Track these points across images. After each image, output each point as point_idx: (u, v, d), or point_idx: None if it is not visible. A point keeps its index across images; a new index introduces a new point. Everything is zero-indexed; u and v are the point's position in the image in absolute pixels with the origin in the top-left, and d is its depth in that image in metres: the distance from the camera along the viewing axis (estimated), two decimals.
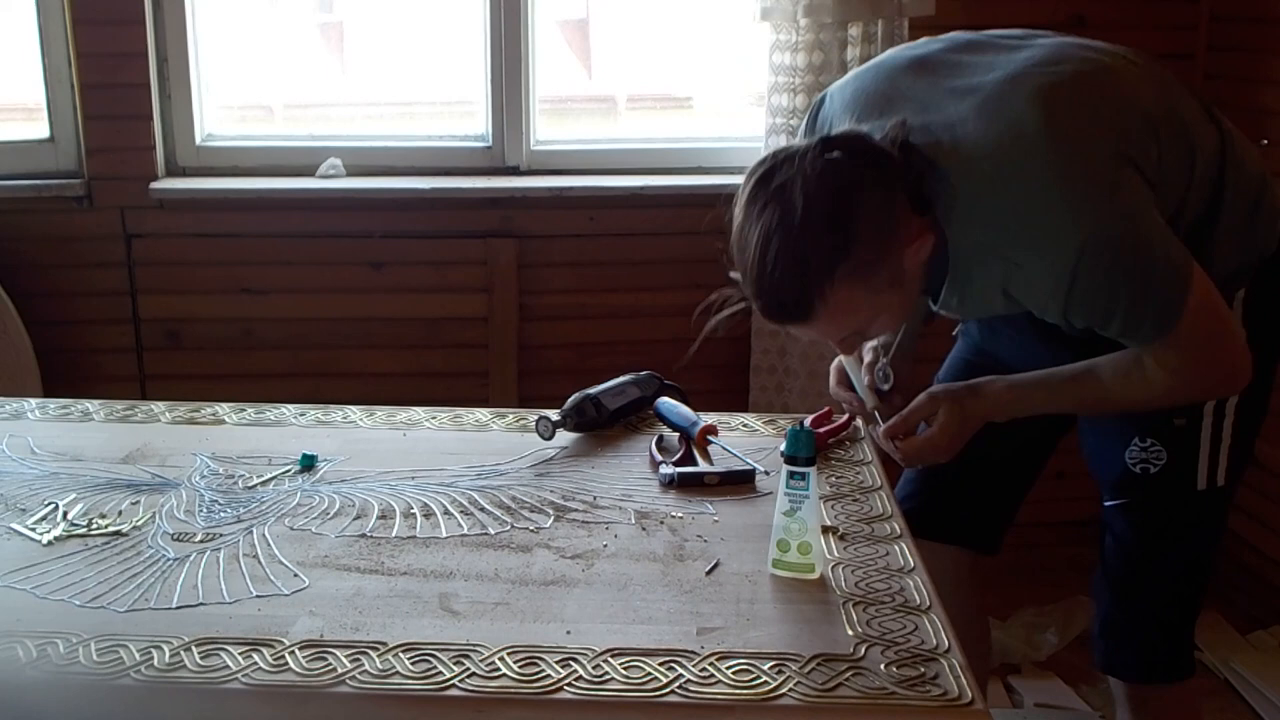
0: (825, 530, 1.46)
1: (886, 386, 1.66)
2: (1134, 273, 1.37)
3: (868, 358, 1.69)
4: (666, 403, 1.79)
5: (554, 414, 1.73)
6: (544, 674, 1.17)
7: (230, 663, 1.18)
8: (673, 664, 1.18)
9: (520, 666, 1.18)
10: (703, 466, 1.63)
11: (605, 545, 1.44)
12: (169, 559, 1.40)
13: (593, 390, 1.78)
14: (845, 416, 1.78)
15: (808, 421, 1.75)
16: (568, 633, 1.24)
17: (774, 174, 1.38)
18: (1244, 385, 1.50)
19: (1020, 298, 1.44)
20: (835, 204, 1.35)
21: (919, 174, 1.40)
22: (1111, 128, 1.40)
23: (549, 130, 2.97)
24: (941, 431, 1.57)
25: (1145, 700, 1.70)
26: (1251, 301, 1.54)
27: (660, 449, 1.69)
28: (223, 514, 1.52)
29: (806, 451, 1.35)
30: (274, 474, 1.63)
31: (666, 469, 1.61)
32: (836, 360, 1.71)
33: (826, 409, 1.81)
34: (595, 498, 1.57)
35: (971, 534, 1.89)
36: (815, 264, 1.35)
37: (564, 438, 1.74)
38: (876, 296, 1.41)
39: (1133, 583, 1.66)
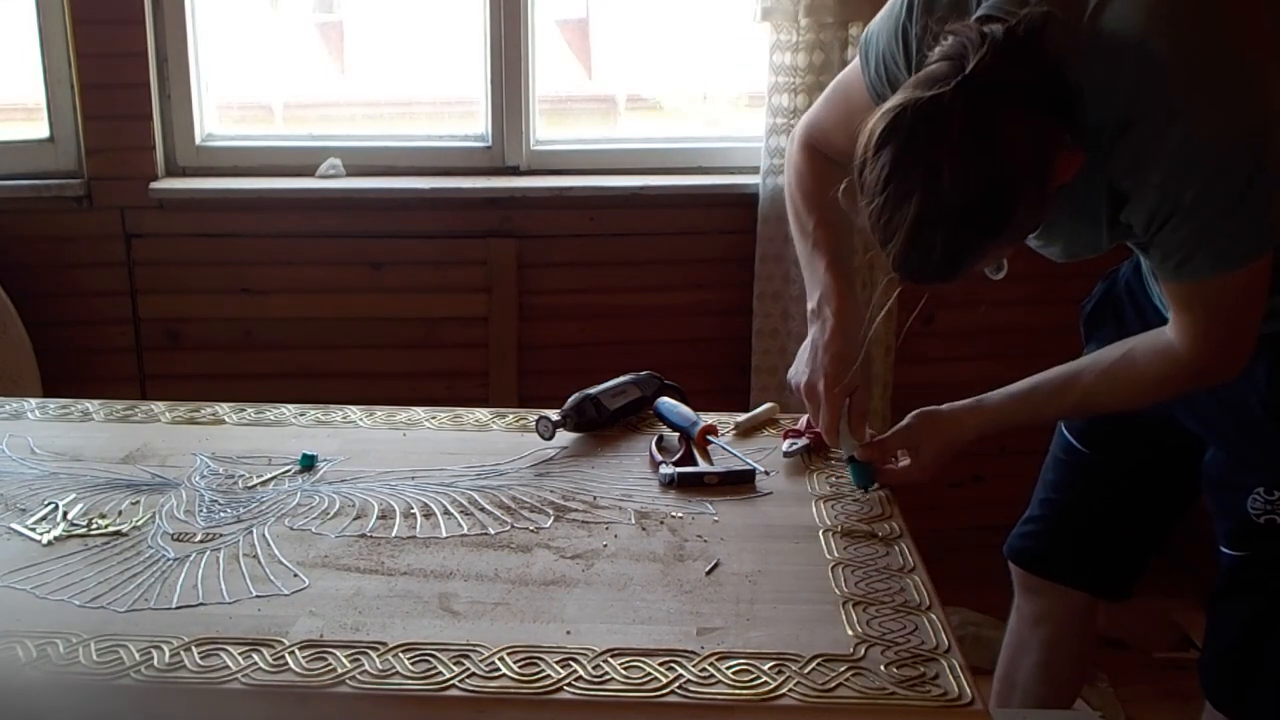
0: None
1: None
2: (1243, 186, 1.28)
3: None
4: (666, 403, 1.79)
5: (554, 414, 1.72)
6: (544, 674, 1.17)
7: (230, 663, 1.18)
8: (673, 664, 1.18)
9: (520, 667, 1.18)
10: (703, 466, 1.63)
11: (605, 545, 1.44)
12: (169, 559, 1.40)
13: (593, 390, 1.78)
14: None
15: (804, 421, 1.74)
16: (568, 633, 1.24)
17: (915, 143, 1.24)
18: (1229, 378, 1.43)
19: (1130, 180, 1.33)
20: (989, 186, 1.23)
21: (1063, 83, 1.27)
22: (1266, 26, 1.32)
23: (549, 130, 2.97)
24: (919, 467, 1.56)
25: None
26: None
27: (660, 449, 1.69)
28: (223, 514, 1.52)
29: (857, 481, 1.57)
30: (274, 474, 1.63)
31: (666, 469, 1.61)
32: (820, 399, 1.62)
33: None
34: (595, 498, 1.57)
35: (1097, 579, 1.83)
36: (972, 248, 1.28)
37: (564, 438, 1.74)
38: (1022, 234, 1.35)
39: (1252, 634, 1.57)
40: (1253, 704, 1.58)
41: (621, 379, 1.83)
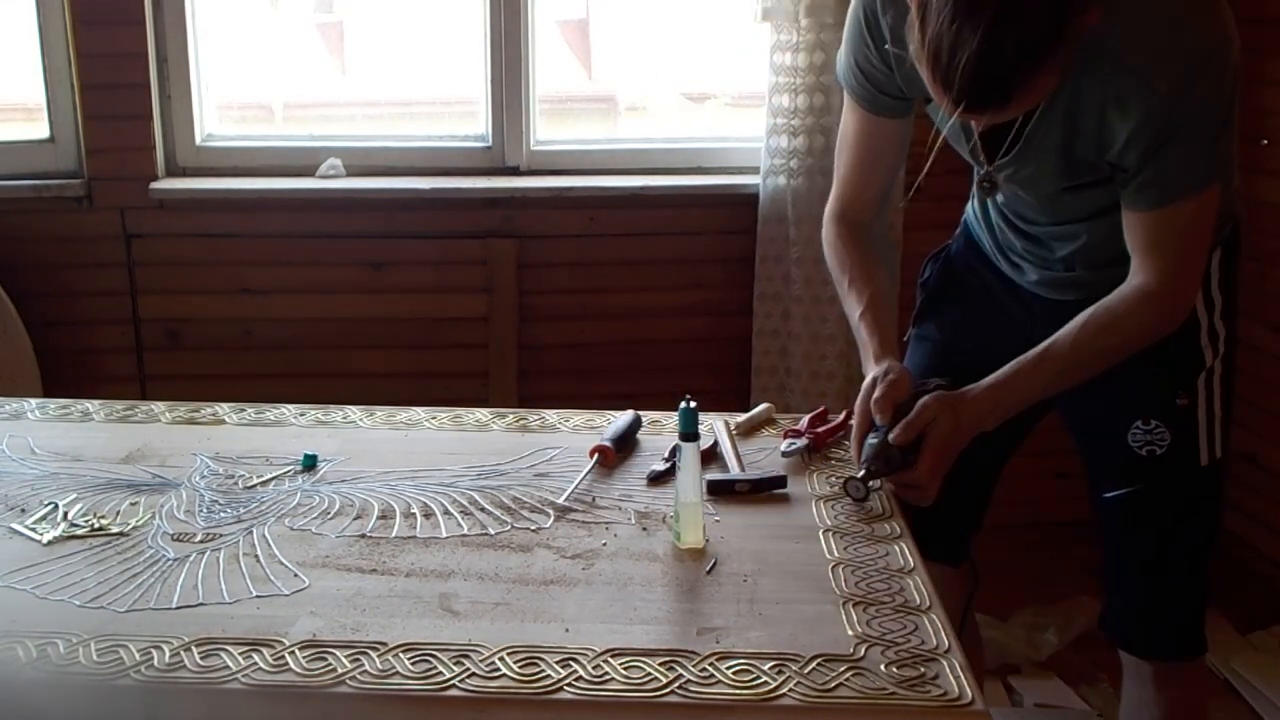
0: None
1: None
2: (1223, 116, 1.41)
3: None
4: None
5: (859, 472, 1.56)
6: (544, 674, 1.17)
7: (230, 663, 1.18)
8: (673, 664, 1.18)
9: (520, 666, 1.18)
10: (735, 474, 1.61)
11: (605, 545, 1.44)
12: (169, 559, 1.40)
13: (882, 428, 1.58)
14: (843, 415, 1.78)
15: (804, 421, 1.74)
16: (567, 631, 1.24)
17: None
18: (1183, 317, 1.54)
19: (1128, 102, 1.42)
20: None
21: None
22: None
23: (549, 130, 2.97)
24: (940, 440, 1.53)
25: (1169, 676, 1.70)
26: (1225, 263, 1.61)
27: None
28: (223, 514, 1.52)
29: (684, 427, 1.42)
30: (274, 474, 1.63)
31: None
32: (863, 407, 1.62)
33: (822, 409, 1.81)
34: (595, 498, 1.57)
35: (945, 549, 1.82)
36: (1037, 55, 1.29)
37: (561, 438, 1.74)
38: (1062, 71, 1.37)
39: (1153, 565, 1.67)
40: (1163, 635, 1.68)
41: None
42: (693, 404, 1.44)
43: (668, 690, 1.14)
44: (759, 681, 1.15)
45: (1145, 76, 1.39)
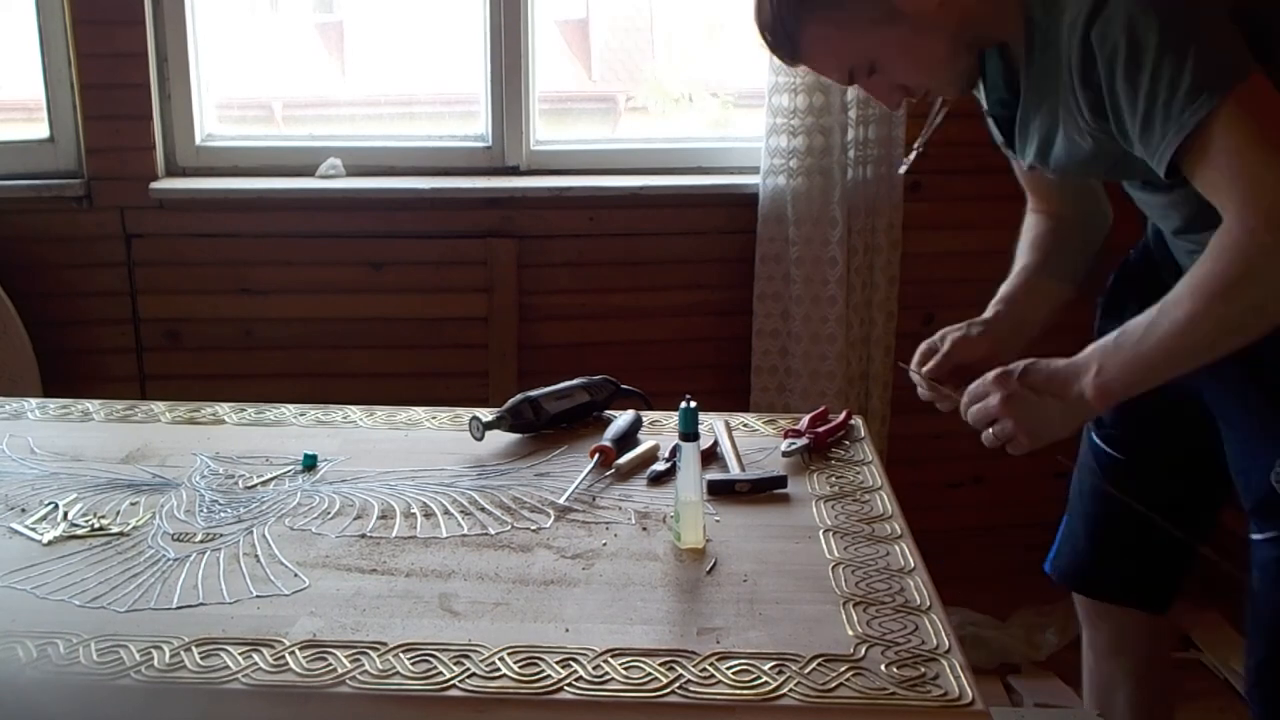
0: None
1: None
2: (1172, 19, 1.21)
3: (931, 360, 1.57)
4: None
5: (487, 414, 1.72)
6: (544, 674, 1.17)
7: (230, 663, 1.18)
8: (673, 664, 1.18)
9: (520, 667, 1.18)
10: (735, 474, 1.62)
11: (605, 545, 1.44)
12: (169, 559, 1.40)
13: (535, 392, 1.76)
14: (843, 415, 1.78)
15: (805, 420, 1.75)
16: (567, 631, 1.24)
17: None
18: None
19: (1067, 59, 1.30)
20: None
21: None
22: None
23: (549, 130, 2.97)
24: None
25: None
26: None
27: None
28: (223, 514, 1.52)
29: (684, 427, 1.43)
30: (274, 474, 1.63)
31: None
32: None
33: (822, 408, 1.81)
34: (595, 498, 1.57)
35: (1147, 593, 1.76)
36: (791, 6, 1.37)
37: (565, 439, 1.74)
38: (861, 35, 1.37)
39: None
40: None
41: (571, 382, 1.82)
42: (693, 404, 1.44)
43: (668, 690, 1.14)
44: (759, 682, 1.15)
45: (1072, 14, 1.28)
